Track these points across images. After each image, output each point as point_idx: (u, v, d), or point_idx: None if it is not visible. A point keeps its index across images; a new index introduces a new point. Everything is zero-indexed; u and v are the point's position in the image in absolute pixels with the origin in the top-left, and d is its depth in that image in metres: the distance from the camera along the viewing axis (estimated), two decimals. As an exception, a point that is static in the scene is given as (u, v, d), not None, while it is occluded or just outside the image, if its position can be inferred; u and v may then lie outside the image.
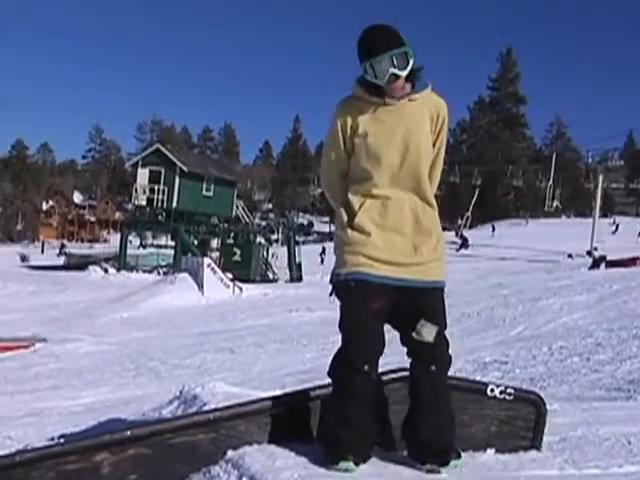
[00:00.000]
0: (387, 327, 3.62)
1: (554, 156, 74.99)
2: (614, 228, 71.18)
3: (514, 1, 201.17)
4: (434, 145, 3.71)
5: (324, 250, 52.34)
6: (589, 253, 49.16)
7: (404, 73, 3.52)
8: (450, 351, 3.65)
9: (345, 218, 3.66)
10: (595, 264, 37.12)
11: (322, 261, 51.86)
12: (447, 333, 3.63)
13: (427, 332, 3.51)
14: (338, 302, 3.65)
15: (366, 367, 3.52)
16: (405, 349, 3.65)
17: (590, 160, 74.06)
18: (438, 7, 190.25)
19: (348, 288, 3.56)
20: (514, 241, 61.89)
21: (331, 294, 3.67)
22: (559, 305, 18.15)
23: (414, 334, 3.53)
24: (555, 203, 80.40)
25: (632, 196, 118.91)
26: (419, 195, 3.64)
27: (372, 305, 3.53)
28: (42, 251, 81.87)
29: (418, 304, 3.56)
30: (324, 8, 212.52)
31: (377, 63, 3.50)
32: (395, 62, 3.49)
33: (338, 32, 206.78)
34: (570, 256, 50.56)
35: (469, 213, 75.68)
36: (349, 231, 3.61)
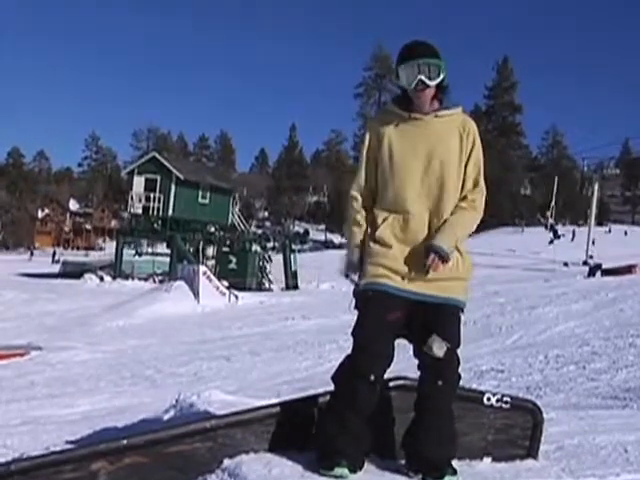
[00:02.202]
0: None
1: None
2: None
3: (510, 10, 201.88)
4: (468, 161, 3.70)
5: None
6: (585, 262, 49.27)
7: (432, 83, 3.58)
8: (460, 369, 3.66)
9: (353, 232, 3.72)
10: (591, 272, 37.22)
11: None
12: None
13: (438, 347, 3.53)
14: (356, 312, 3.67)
15: (372, 377, 3.54)
16: (416, 361, 3.66)
17: (586, 168, 74.35)
18: (434, 16, 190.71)
19: (366, 298, 3.60)
20: (510, 249, 61.92)
21: (354, 307, 3.67)
22: (555, 313, 18.14)
23: (425, 348, 3.56)
24: None
25: (628, 204, 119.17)
26: (440, 211, 3.65)
27: (387, 317, 3.55)
28: None
29: (433, 319, 3.58)
30: (320, 16, 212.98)
31: (408, 67, 3.58)
32: (425, 70, 3.56)
33: (335, 41, 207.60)
34: (566, 264, 50.66)
35: (553, 203, 74.80)
36: (371, 244, 3.65)
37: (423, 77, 3.56)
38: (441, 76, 3.60)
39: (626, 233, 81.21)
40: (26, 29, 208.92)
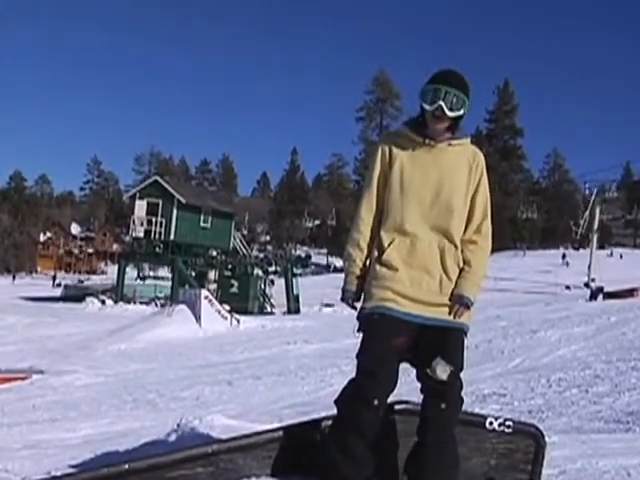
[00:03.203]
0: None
1: None
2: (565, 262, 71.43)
3: (511, 33, 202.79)
4: (476, 192, 3.72)
5: None
6: (587, 285, 49.24)
7: (450, 114, 3.58)
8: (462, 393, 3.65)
9: (352, 258, 3.74)
10: (593, 296, 37.20)
11: None
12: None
13: (441, 370, 3.53)
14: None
15: (376, 402, 3.53)
16: (418, 385, 3.65)
17: (587, 192, 74.49)
18: (435, 40, 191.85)
19: (371, 321, 3.59)
20: (512, 273, 61.88)
21: (358, 330, 3.65)
22: (557, 337, 18.13)
23: (428, 371, 3.55)
24: None
25: (629, 227, 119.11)
26: (447, 237, 3.66)
27: (392, 341, 3.55)
28: None
29: (437, 343, 3.58)
30: (321, 40, 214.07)
31: (433, 90, 3.57)
32: (449, 99, 3.56)
33: (336, 64, 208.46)
34: (568, 288, 50.67)
35: (588, 212, 74.54)
36: (377, 267, 3.65)
37: (443, 104, 3.55)
38: (461, 112, 3.61)
39: (621, 256, 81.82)
40: (26, 52, 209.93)
